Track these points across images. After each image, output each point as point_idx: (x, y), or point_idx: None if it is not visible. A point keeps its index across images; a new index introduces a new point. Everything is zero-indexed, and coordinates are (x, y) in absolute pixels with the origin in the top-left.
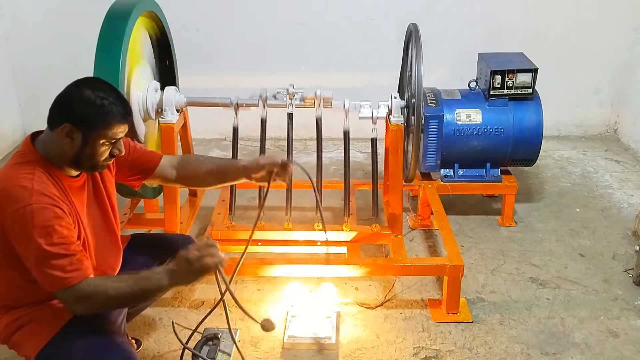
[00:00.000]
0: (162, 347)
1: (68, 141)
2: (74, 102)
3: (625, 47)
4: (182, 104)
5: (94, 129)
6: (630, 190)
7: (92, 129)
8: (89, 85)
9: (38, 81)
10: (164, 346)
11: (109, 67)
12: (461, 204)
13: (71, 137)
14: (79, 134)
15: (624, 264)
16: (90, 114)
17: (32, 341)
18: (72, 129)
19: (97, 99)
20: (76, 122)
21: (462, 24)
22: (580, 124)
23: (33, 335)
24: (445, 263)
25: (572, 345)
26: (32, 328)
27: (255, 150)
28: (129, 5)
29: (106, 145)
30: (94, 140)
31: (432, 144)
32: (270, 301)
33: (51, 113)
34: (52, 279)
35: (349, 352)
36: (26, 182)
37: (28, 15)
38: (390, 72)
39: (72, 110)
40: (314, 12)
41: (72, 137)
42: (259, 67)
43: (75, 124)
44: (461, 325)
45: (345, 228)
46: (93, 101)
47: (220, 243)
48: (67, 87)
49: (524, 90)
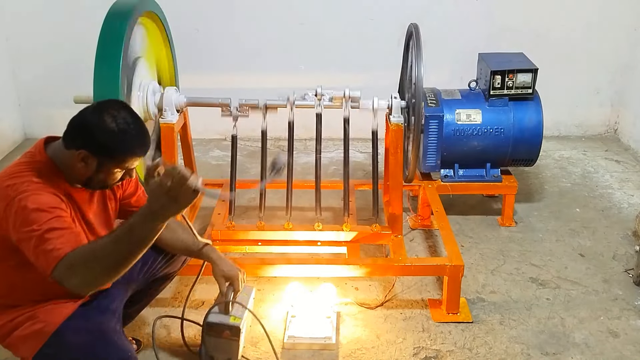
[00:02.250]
0: (162, 346)
1: (82, 165)
2: (95, 130)
3: (625, 47)
4: (182, 104)
5: (111, 160)
6: (630, 190)
7: (110, 159)
8: (111, 112)
9: (38, 81)
10: (164, 346)
11: (109, 67)
12: (461, 204)
13: (86, 162)
14: (94, 161)
15: (624, 264)
16: (109, 146)
17: (28, 343)
18: (88, 155)
19: (119, 131)
20: (94, 150)
21: (462, 24)
22: (580, 124)
23: (29, 336)
24: (445, 263)
25: (572, 345)
26: (28, 329)
27: (255, 151)
28: (129, 5)
29: (120, 172)
30: (109, 168)
31: (432, 144)
32: (270, 301)
33: (69, 133)
34: (46, 254)
35: (349, 352)
36: (27, 176)
37: (28, 15)
38: (390, 72)
39: (92, 138)
40: (313, 12)
41: (87, 162)
42: (259, 67)
43: (93, 152)
44: (461, 325)
45: (345, 228)
46: (114, 132)
47: (220, 243)
48: (89, 110)
49: (524, 90)
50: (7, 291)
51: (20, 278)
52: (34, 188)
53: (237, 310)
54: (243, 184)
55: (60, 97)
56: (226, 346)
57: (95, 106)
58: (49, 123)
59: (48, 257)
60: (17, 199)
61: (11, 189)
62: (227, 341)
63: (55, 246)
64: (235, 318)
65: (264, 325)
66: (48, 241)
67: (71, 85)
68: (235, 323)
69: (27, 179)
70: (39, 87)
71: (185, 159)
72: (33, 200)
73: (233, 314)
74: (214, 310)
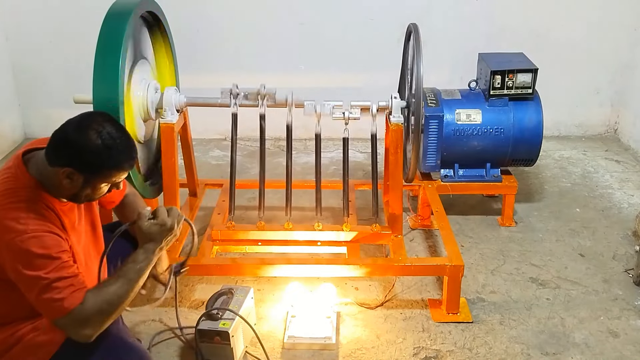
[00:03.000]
0: (163, 346)
1: (68, 182)
2: (79, 148)
3: (625, 47)
4: (182, 104)
5: (97, 176)
6: (630, 190)
7: (96, 176)
8: (95, 127)
9: (38, 81)
10: (164, 345)
11: (109, 67)
12: (461, 204)
13: (71, 179)
14: (80, 178)
15: (624, 264)
16: (95, 163)
17: (37, 354)
18: (74, 172)
19: (104, 147)
20: (79, 168)
21: (462, 24)
22: (580, 124)
23: (37, 346)
24: (445, 263)
25: (572, 345)
26: (32, 340)
27: (255, 151)
28: (129, 5)
29: (106, 187)
30: (95, 183)
31: (432, 144)
32: (270, 301)
33: (52, 151)
34: (53, 304)
35: (349, 352)
36: (21, 211)
37: (28, 15)
38: (390, 72)
39: (77, 156)
40: (313, 12)
41: (73, 179)
42: (259, 67)
43: (78, 170)
44: (461, 325)
45: (345, 228)
46: (99, 149)
47: (220, 243)
48: (72, 125)
49: (524, 90)
50: (5, 309)
51: (17, 297)
52: (33, 228)
53: (229, 314)
54: (243, 184)
55: (60, 97)
56: (220, 351)
57: (78, 121)
58: (48, 123)
59: (54, 306)
60: (18, 240)
61: (8, 228)
62: (220, 346)
63: (64, 296)
64: (225, 323)
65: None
66: (55, 290)
67: (71, 85)
68: (224, 328)
69: (23, 214)
70: (39, 87)
71: (185, 159)
72: (36, 243)
73: (224, 318)
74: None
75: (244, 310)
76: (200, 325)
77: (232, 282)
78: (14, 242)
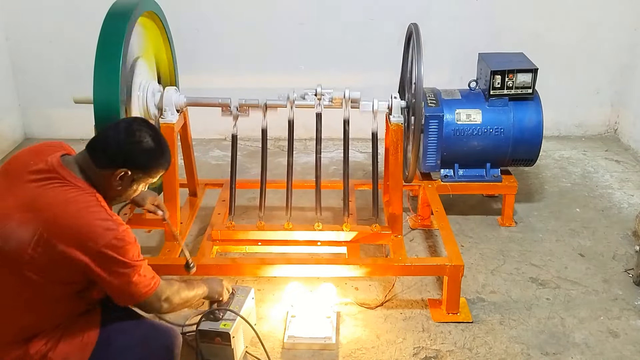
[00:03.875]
0: None
1: (118, 183)
2: (135, 150)
3: (625, 47)
4: (182, 104)
5: (146, 174)
6: (630, 190)
7: (145, 174)
8: (144, 130)
9: (38, 81)
10: None
11: (109, 67)
12: (461, 204)
13: (122, 180)
14: (130, 177)
15: (624, 264)
16: (149, 162)
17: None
18: (127, 173)
19: (157, 148)
20: (134, 167)
21: (462, 24)
22: (580, 124)
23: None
24: (445, 263)
25: (572, 345)
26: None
27: (255, 151)
28: (129, 5)
29: (146, 185)
30: (140, 183)
31: (432, 144)
32: (270, 301)
33: (104, 155)
34: (141, 291)
35: (349, 352)
36: (103, 213)
37: (28, 15)
38: (390, 72)
39: (132, 159)
40: (314, 12)
41: (124, 179)
42: (259, 67)
43: (132, 169)
44: (461, 325)
45: (345, 228)
46: (152, 149)
47: (220, 243)
48: (120, 129)
49: (524, 90)
50: (33, 322)
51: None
52: (123, 228)
53: (230, 315)
54: (243, 184)
55: (60, 97)
56: (220, 352)
57: (125, 126)
58: (48, 123)
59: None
60: (115, 241)
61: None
62: (220, 347)
63: (150, 280)
64: (226, 324)
65: (257, 330)
66: (144, 275)
67: (71, 85)
68: (225, 329)
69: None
70: (39, 87)
71: (185, 159)
72: (128, 238)
73: (225, 319)
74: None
75: (245, 311)
76: (201, 326)
77: (232, 282)
78: (112, 242)
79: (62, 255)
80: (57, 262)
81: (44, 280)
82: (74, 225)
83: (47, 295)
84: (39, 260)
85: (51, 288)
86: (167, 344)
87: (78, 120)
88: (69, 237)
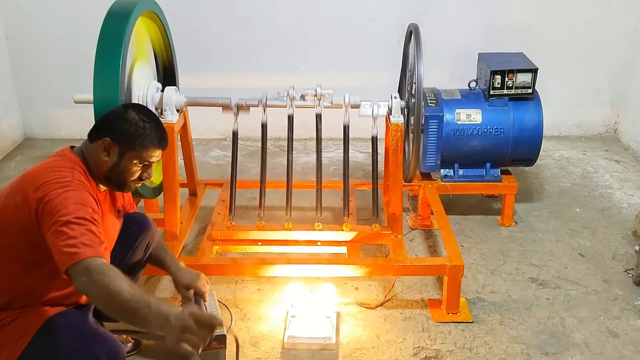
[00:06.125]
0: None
1: (104, 155)
2: (118, 120)
3: (625, 47)
4: (182, 104)
5: (131, 148)
6: (630, 190)
7: (129, 147)
8: (135, 109)
9: (38, 81)
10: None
11: (109, 67)
12: (461, 204)
13: (108, 152)
14: (116, 149)
15: (624, 264)
16: (130, 133)
17: (9, 345)
18: (111, 144)
19: (139, 121)
20: (116, 137)
21: (462, 23)
22: (580, 124)
23: (11, 338)
24: (445, 263)
25: (572, 345)
26: (10, 331)
27: (255, 151)
28: (129, 6)
29: (138, 166)
30: (129, 159)
31: (432, 144)
32: (270, 301)
33: (94, 128)
34: (72, 247)
35: (349, 352)
36: (66, 172)
37: (28, 15)
38: (390, 72)
39: (115, 127)
40: (313, 12)
41: (109, 151)
42: (259, 67)
43: (115, 140)
44: (461, 325)
45: (345, 228)
46: (136, 122)
47: (220, 243)
48: (114, 107)
49: (524, 90)
50: (5, 290)
51: (23, 282)
52: (76, 183)
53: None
54: (243, 184)
55: (60, 97)
56: (214, 356)
57: (121, 105)
58: (49, 123)
59: (70, 250)
60: (59, 189)
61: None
62: (215, 351)
63: (82, 243)
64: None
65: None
66: (78, 234)
67: (71, 85)
68: (221, 332)
69: (68, 174)
70: (39, 87)
71: (185, 158)
72: (75, 194)
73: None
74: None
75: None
76: None
77: (232, 282)
78: (55, 191)
79: (21, 203)
80: (17, 214)
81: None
82: (36, 176)
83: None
84: (5, 210)
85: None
86: (99, 354)
87: (78, 120)
88: (29, 184)
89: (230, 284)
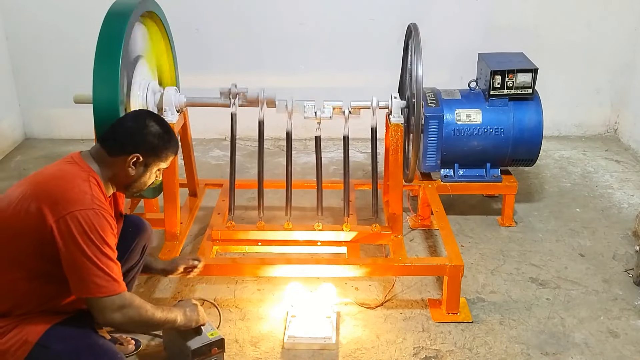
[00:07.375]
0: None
1: (131, 169)
2: (144, 135)
3: (625, 47)
4: (182, 104)
5: (157, 158)
6: (630, 190)
7: (155, 158)
8: (152, 118)
9: (38, 81)
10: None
11: (109, 67)
12: (461, 204)
13: (135, 165)
14: (142, 162)
15: (624, 264)
16: (156, 145)
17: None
18: (140, 158)
19: (162, 132)
20: (145, 152)
21: (462, 23)
22: (580, 124)
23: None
24: (445, 263)
25: (572, 345)
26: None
27: (255, 151)
28: (129, 6)
29: (158, 172)
30: (152, 168)
31: (432, 144)
32: (270, 301)
33: (115, 143)
34: (99, 283)
35: (349, 352)
36: (85, 186)
37: (28, 15)
38: (390, 72)
39: (143, 143)
40: (314, 12)
41: (137, 165)
42: (259, 67)
43: (144, 154)
44: (461, 325)
45: (345, 228)
46: (160, 135)
47: (220, 243)
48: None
49: (524, 90)
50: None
51: (26, 288)
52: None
53: (207, 326)
54: (243, 184)
55: (60, 97)
56: None
57: (132, 117)
58: (48, 123)
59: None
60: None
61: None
62: (216, 357)
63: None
64: (213, 332)
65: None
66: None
67: (71, 85)
68: (218, 337)
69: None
70: (39, 87)
71: (185, 158)
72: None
73: (208, 331)
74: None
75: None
76: (192, 346)
77: (232, 282)
78: (75, 214)
79: (35, 213)
80: (28, 222)
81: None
82: (53, 186)
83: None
84: (16, 216)
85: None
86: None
87: (78, 120)
88: (45, 195)
89: (230, 284)
